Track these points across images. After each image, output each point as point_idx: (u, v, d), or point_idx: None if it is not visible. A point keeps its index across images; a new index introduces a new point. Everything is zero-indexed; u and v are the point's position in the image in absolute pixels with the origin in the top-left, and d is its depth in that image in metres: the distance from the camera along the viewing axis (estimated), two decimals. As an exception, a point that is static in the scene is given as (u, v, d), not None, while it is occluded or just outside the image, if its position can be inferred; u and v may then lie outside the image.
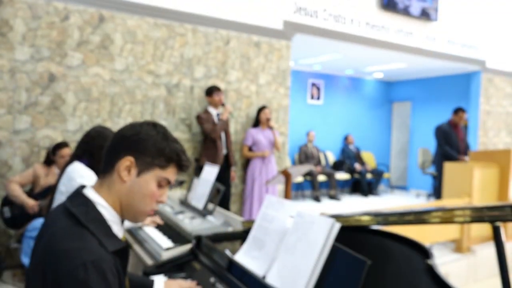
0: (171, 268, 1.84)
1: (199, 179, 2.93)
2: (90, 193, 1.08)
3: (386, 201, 8.03)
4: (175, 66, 4.55)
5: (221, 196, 2.87)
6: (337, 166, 8.57)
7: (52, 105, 3.91)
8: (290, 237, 1.48)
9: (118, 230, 1.09)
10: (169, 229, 2.44)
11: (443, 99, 8.69)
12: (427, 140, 8.33)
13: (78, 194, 1.09)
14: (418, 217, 1.32)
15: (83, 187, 1.11)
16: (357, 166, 8.42)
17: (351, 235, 1.53)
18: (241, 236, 2.06)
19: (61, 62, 3.93)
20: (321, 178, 7.88)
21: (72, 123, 4.01)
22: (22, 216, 3.47)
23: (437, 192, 6.27)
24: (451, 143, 5.90)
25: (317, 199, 7.70)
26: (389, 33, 6.35)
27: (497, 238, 1.08)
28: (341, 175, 8.27)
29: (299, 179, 7.55)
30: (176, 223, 2.44)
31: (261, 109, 4.99)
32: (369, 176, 8.53)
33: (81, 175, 2.33)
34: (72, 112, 4.01)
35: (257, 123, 5.05)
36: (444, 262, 3.94)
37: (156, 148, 1.09)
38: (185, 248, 2.01)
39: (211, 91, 4.60)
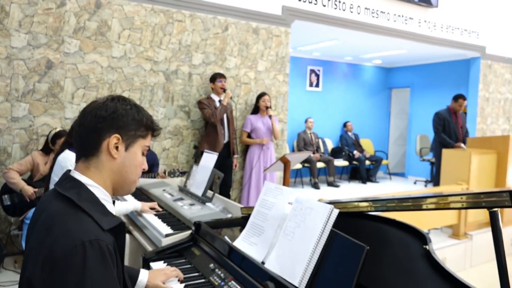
0: (171, 254, 1.86)
1: (198, 166, 2.93)
2: (79, 176, 1.09)
3: (384, 188, 8.07)
4: (173, 53, 4.52)
5: (221, 183, 2.88)
6: (336, 153, 8.59)
7: (50, 92, 3.89)
8: (288, 223, 1.49)
9: (110, 208, 1.11)
10: (169, 216, 2.45)
11: (442, 85, 8.66)
12: (426, 127, 8.32)
13: (67, 178, 1.10)
14: (416, 203, 1.33)
15: (69, 171, 1.12)
16: (356, 153, 8.44)
17: (350, 221, 1.55)
18: (240, 223, 2.07)
19: (58, 49, 3.89)
20: (320, 165, 7.90)
21: (71, 110, 3.99)
22: (22, 204, 3.48)
23: (435, 179, 6.30)
24: (449, 130, 5.90)
25: (315, 186, 7.73)
26: (388, 19, 6.30)
27: (494, 223, 1.09)
28: (340, 162, 8.29)
29: (297, 166, 7.57)
30: (175, 210, 2.45)
31: (260, 96, 4.98)
32: (367, 163, 8.55)
33: (72, 163, 2.33)
34: (70, 99, 3.99)
35: (256, 110, 5.04)
36: (441, 247, 3.98)
37: (136, 120, 1.14)
38: (185, 234, 2.02)
39: (214, 77, 4.60)
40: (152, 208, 2.50)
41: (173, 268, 1.59)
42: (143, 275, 1.48)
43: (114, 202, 1.20)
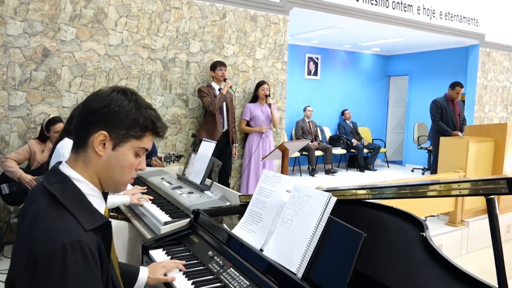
0: (169, 242, 1.87)
1: (197, 154, 2.93)
2: (66, 169, 1.04)
3: (382, 176, 8.10)
4: (170, 41, 4.49)
5: (220, 171, 2.88)
6: (334, 141, 8.60)
7: (47, 80, 3.86)
8: (287, 211, 1.50)
9: (98, 204, 1.05)
10: (168, 204, 2.46)
11: (440, 73, 8.64)
12: (424, 115, 8.32)
13: (54, 171, 1.04)
14: (413, 191, 1.34)
15: (59, 163, 1.07)
16: (354, 141, 8.45)
17: (347, 209, 1.55)
18: (238, 211, 2.08)
19: (55, 37, 3.86)
20: (318, 153, 7.91)
21: (68, 99, 3.97)
22: (21, 192, 3.49)
23: (432, 167, 6.32)
24: (447, 118, 5.90)
25: (313, 174, 7.75)
26: (387, 6, 6.25)
27: (491, 210, 1.10)
28: (338, 150, 8.30)
29: (295, 154, 7.58)
30: (174, 198, 2.46)
31: (259, 85, 4.96)
32: (365, 151, 8.57)
33: (70, 151, 2.33)
34: (68, 88, 3.97)
35: (255, 98, 5.03)
36: (438, 234, 4.01)
37: (130, 119, 1.03)
38: (184, 222, 2.03)
39: (214, 65, 4.57)
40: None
41: (172, 260, 1.59)
42: (143, 273, 1.47)
43: (107, 194, 1.14)
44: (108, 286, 1.01)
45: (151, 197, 2.54)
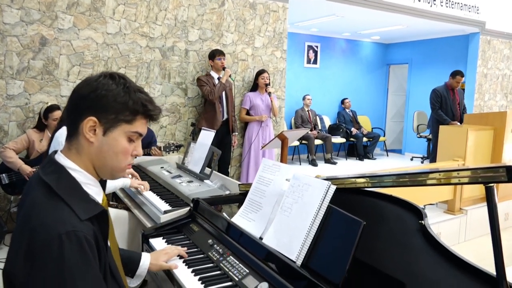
0: (169, 230, 1.88)
1: (196, 143, 2.93)
2: (61, 159, 1.02)
3: (381, 165, 8.11)
4: (169, 29, 4.45)
5: (219, 160, 2.88)
6: (333, 130, 8.59)
7: (45, 69, 3.84)
8: (286, 199, 1.50)
9: (96, 192, 1.05)
10: (167, 193, 2.47)
11: (440, 61, 8.60)
12: (424, 103, 8.30)
13: (50, 161, 1.03)
14: (412, 179, 1.34)
15: (55, 152, 1.06)
16: (353, 130, 8.45)
17: (347, 197, 1.56)
18: (238, 199, 2.09)
19: (52, 25, 3.83)
20: (317, 142, 7.91)
21: (66, 88, 3.95)
22: (20, 182, 3.49)
23: (431, 155, 6.33)
24: (446, 107, 5.89)
25: (313, 163, 7.76)
26: (387, -7, 6.19)
27: (490, 198, 1.10)
28: (337, 139, 8.30)
29: (295, 143, 7.58)
30: (173, 187, 2.47)
31: (259, 73, 4.93)
32: (364, 139, 8.57)
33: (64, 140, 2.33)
34: (66, 76, 3.95)
35: (255, 87, 5.00)
36: (437, 222, 4.04)
37: (118, 102, 1.01)
38: (183, 211, 2.04)
39: (213, 54, 4.54)
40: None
41: (174, 247, 1.59)
42: (145, 258, 1.47)
43: (105, 182, 1.13)
44: (106, 275, 1.01)
45: (144, 185, 2.53)
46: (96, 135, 1.01)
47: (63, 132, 2.38)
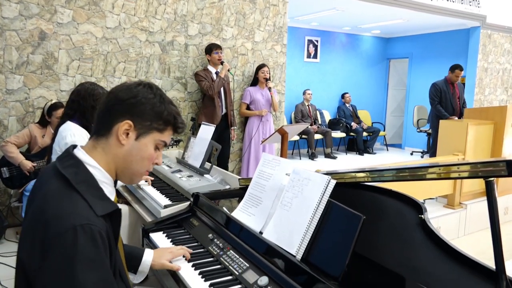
0: (170, 225, 1.88)
1: (196, 138, 2.93)
2: (81, 154, 1.05)
3: (381, 159, 8.12)
4: (168, 23, 4.44)
5: (219, 154, 2.88)
6: (333, 124, 8.59)
7: (45, 64, 3.83)
8: (286, 194, 1.50)
9: (110, 192, 1.07)
10: (167, 188, 2.47)
11: (441, 55, 8.58)
12: (424, 98, 8.27)
13: (68, 155, 1.06)
14: (412, 173, 1.34)
15: (74, 147, 1.08)
16: (353, 124, 8.44)
17: (347, 192, 1.56)
18: (238, 194, 2.09)
19: (51, 19, 3.81)
20: (317, 136, 7.91)
21: (66, 82, 3.95)
22: (21, 176, 3.49)
23: (431, 150, 6.33)
24: (446, 101, 5.88)
25: (313, 157, 7.77)
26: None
27: (490, 192, 1.10)
28: (337, 134, 8.30)
29: (295, 137, 7.58)
30: (174, 181, 2.47)
31: (259, 68, 4.91)
32: (364, 134, 8.57)
33: (72, 133, 2.33)
34: (65, 71, 3.94)
35: (255, 81, 4.99)
36: (436, 217, 4.04)
37: (155, 111, 1.07)
38: (183, 205, 2.04)
39: (210, 49, 4.51)
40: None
41: (180, 247, 1.57)
42: (148, 255, 1.46)
43: (116, 182, 1.15)
44: (115, 274, 1.02)
45: (152, 178, 2.55)
46: (128, 138, 1.06)
47: (67, 126, 2.38)
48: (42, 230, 0.91)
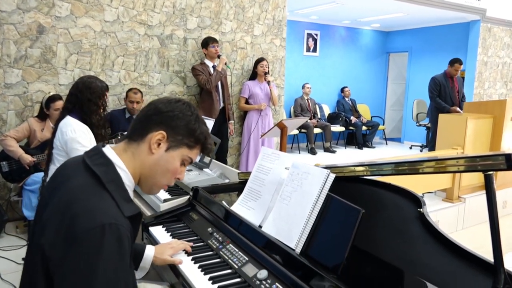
0: (169, 219, 1.89)
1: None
2: (111, 154, 1.09)
3: (380, 153, 8.13)
4: (167, 17, 4.41)
5: (217, 149, 2.88)
6: (332, 118, 8.58)
7: (43, 58, 3.82)
8: (285, 187, 1.50)
9: (131, 196, 1.11)
10: (167, 182, 2.47)
11: (440, 49, 8.56)
12: (423, 92, 8.26)
13: (99, 153, 1.09)
14: (411, 167, 1.34)
15: (102, 145, 1.12)
16: (352, 118, 8.44)
17: (346, 186, 1.56)
18: (237, 188, 2.09)
19: (49, 13, 3.79)
20: (317, 130, 7.91)
21: (65, 76, 3.93)
22: (21, 170, 3.49)
23: (430, 144, 6.33)
24: (445, 95, 5.87)
25: (312, 151, 7.77)
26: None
27: (488, 186, 1.10)
28: (336, 128, 8.30)
29: (294, 131, 7.58)
30: (173, 175, 2.47)
31: (258, 62, 4.89)
32: (364, 128, 8.57)
33: (73, 129, 2.33)
34: (64, 65, 3.92)
35: (254, 75, 4.98)
36: (435, 210, 4.06)
37: (188, 128, 1.12)
38: (183, 199, 2.05)
39: (206, 42, 4.49)
40: None
41: (180, 241, 1.57)
42: (149, 250, 1.47)
43: None
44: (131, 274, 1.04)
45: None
46: (159, 148, 1.10)
47: (67, 121, 2.38)
48: (70, 223, 0.93)
